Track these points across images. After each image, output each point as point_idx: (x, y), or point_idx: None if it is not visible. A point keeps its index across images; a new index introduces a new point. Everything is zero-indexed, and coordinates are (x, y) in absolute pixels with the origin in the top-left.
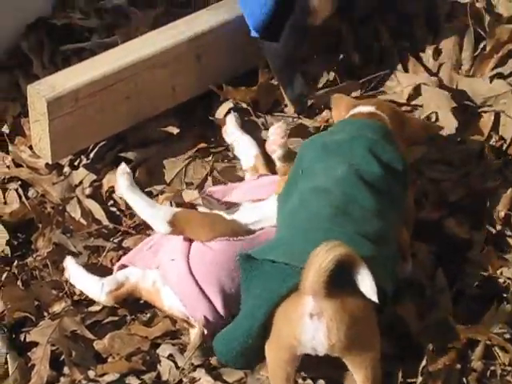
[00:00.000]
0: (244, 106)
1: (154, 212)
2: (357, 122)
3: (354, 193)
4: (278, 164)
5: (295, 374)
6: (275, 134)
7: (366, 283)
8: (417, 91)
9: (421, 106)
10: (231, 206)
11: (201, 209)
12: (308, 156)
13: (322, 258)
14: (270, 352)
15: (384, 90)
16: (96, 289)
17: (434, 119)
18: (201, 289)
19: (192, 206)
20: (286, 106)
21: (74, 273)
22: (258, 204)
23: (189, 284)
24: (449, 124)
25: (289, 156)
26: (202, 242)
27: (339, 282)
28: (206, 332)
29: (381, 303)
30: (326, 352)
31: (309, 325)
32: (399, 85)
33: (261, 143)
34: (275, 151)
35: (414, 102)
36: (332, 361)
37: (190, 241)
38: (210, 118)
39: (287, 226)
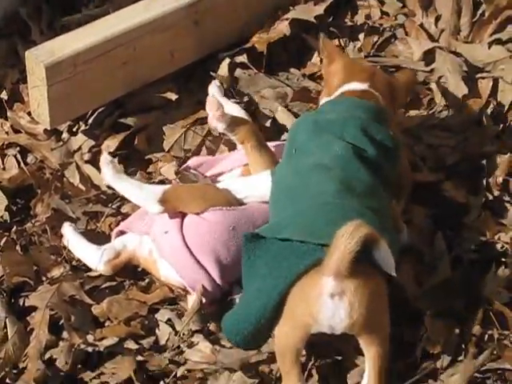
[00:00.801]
0: (246, 62)
1: (143, 194)
2: (347, 101)
3: (352, 169)
4: (230, 136)
5: (302, 351)
6: (209, 111)
7: (386, 260)
8: (427, 56)
9: (429, 72)
10: (216, 180)
11: None
12: (301, 135)
13: (347, 240)
14: (281, 330)
15: (395, 54)
16: (94, 258)
17: (443, 83)
18: (196, 260)
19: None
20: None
21: (72, 241)
22: (248, 178)
23: (184, 256)
24: (458, 90)
25: (234, 123)
26: (195, 214)
27: (358, 259)
28: (204, 300)
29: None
30: (344, 330)
31: (329, 304)
32: (409, 49)
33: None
34: (217, 127)
35: (424, 67)
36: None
37: (182, 212)
38: (212, 73)
39: (290, 203)
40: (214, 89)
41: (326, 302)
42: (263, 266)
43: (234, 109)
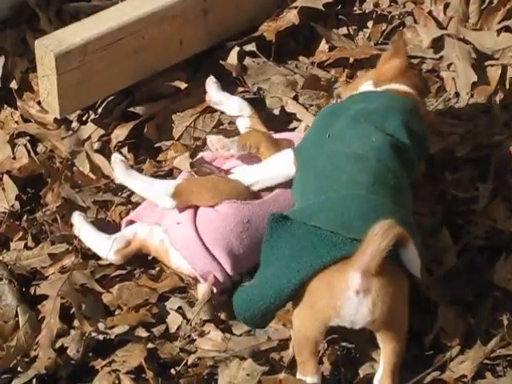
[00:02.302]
0: (255, 50)
1: (155, 190)
2: (389, 95)
3: (387, 161)
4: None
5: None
6: (214, 150)
7: (413, 261)
8: (436, 43)
9: (438, 60)
10: (230, 173)
11: None
12: (339, 121)
13: (381, 239)
14: (301, 320)
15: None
16: (105, 247)
17: (452, 71)
18: (209, 251)
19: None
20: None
21: (83, 230)
22: (254, 166)
23: (197, 247)
24: (468, 78)
25: (241, 144)
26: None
27: (386, 257)
28: (215, 290)
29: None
30: (364, 326)
31: (353, 300)
32: (418, 37)
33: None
34: (231, 152)
35: (432, 55)
36: None
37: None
38: (221, 62)
39: (321, 189)
40: (211, 86)
41: (351, 298)
42: (286, 248)
43: (234, 103)
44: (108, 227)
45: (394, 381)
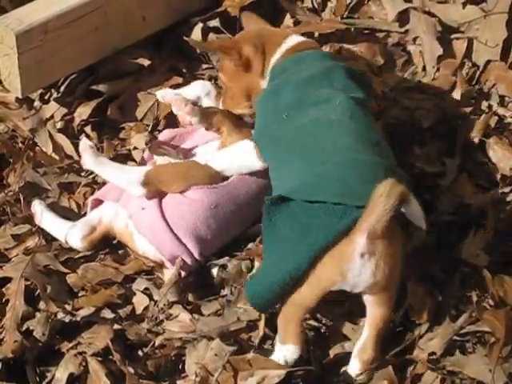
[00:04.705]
0: (219, 26)
1: (126, 178)
2: (313, 54)
3: (358, 119)
4: (205, 127)
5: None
6: (178, 111)
7: (417, 214)
8: (401, 16)
9: (404, 33)
10: (190, 153)
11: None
12: (285, 98)
13: (385, 200)
14: (300, 287)
15: (369, 16)
16: (70, 236)
17: (418, 45)
18: (176, 236)
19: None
20: None
21: (45, 219)
22: (227, 150)
23: (163, 232)
24: (433, 51)
25: (205, 114)
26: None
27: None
28: (183, 274)
29: None
30: (365, 289)
31: (358, 262)
32: (383, 10)
33: None
34: (191, 122)
35: (398, 29)
36: None
37: None
38: (185, 38)
39: (307, 163)
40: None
41: (356, 261)
42: (286, 228)
43: (196, 88)
44: (71, 211)
45: (377, 346)
